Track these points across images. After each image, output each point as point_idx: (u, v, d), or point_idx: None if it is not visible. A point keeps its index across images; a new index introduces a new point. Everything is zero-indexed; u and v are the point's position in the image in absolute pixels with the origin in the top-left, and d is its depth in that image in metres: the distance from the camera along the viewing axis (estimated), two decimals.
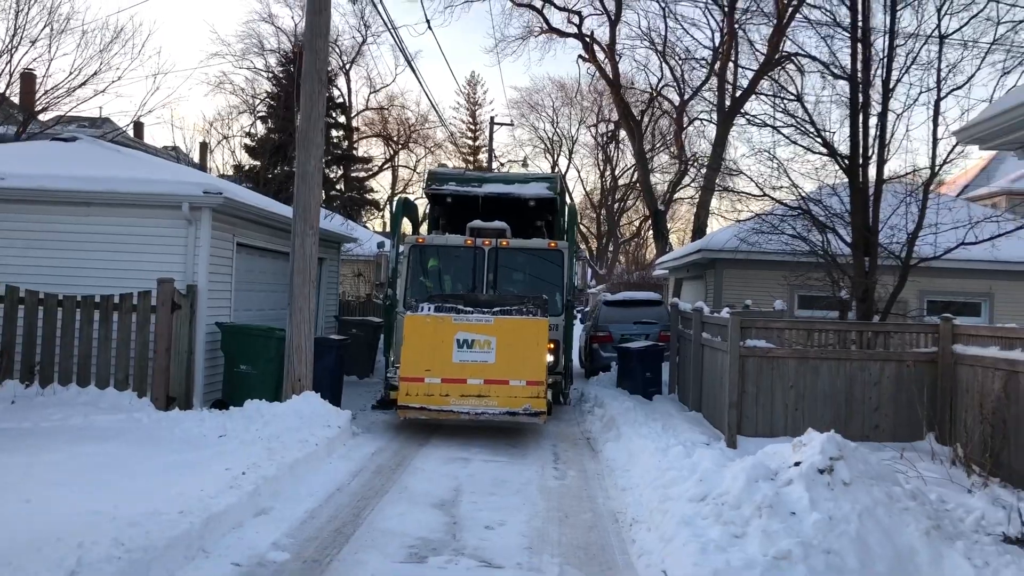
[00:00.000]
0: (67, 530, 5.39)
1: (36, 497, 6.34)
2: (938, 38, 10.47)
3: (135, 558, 5.04)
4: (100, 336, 10.57)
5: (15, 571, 4.62)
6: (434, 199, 14.49)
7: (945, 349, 9.71)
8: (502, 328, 10.48)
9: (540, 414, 10.34)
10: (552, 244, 12.83)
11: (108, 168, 11.67)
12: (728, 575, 5.14)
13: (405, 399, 10.30)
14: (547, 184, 14.24)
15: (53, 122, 24.89)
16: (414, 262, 12.63)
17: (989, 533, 6.57)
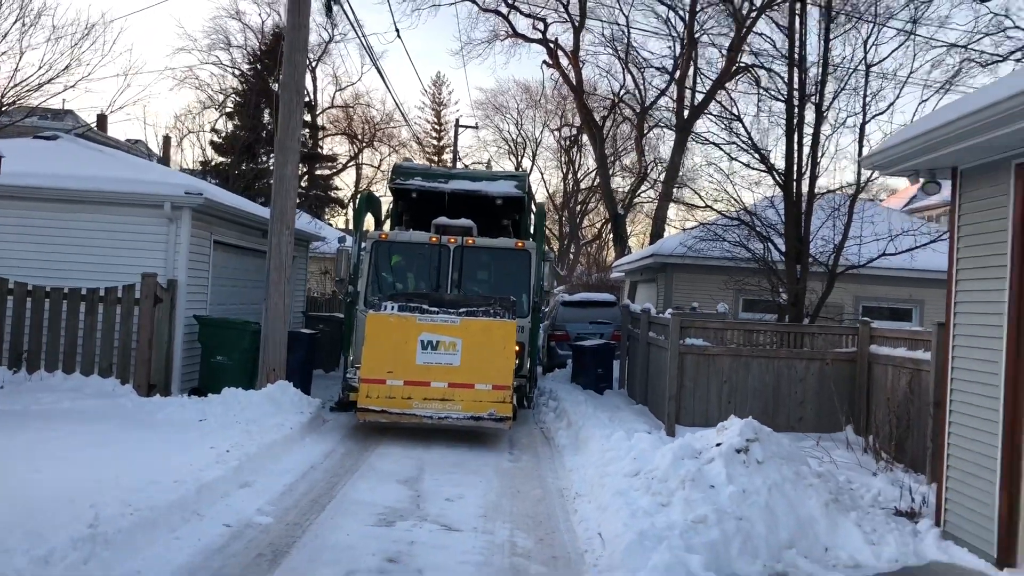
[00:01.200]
0: (78, 494, 6.17)
1: (43, 468, 7.09)
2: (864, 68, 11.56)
3: (143, 516, 5.82)
4: (86, 326, 11.25)
5: (44, 522, 5.38)
6: (399, 194, 13.94)
7: (862, 350, 10.78)
8: (468, 330, 10.16)
9: (505, 419, 10.08)
10: (519, 244, 12.32)
11: (93, 167, 12.34)
12: (652, 535, 6.04)
13: (365, 401, 9.97)
14: (515, 183, 13.75)
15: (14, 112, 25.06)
16: (376, 258, 12.05)
17: (883, 507, 7.61)
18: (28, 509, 5.79)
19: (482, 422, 10.11)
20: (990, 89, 6.19)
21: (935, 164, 6.86)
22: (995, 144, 5.95)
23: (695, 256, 15.94)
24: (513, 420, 10.39)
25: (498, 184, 13.62)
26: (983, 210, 6.49)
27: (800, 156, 12.33)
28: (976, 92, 6.76)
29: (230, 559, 5.68)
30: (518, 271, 12.19)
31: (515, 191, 13.46)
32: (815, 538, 6.63)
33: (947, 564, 6.27)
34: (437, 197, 13.36)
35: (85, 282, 11.39)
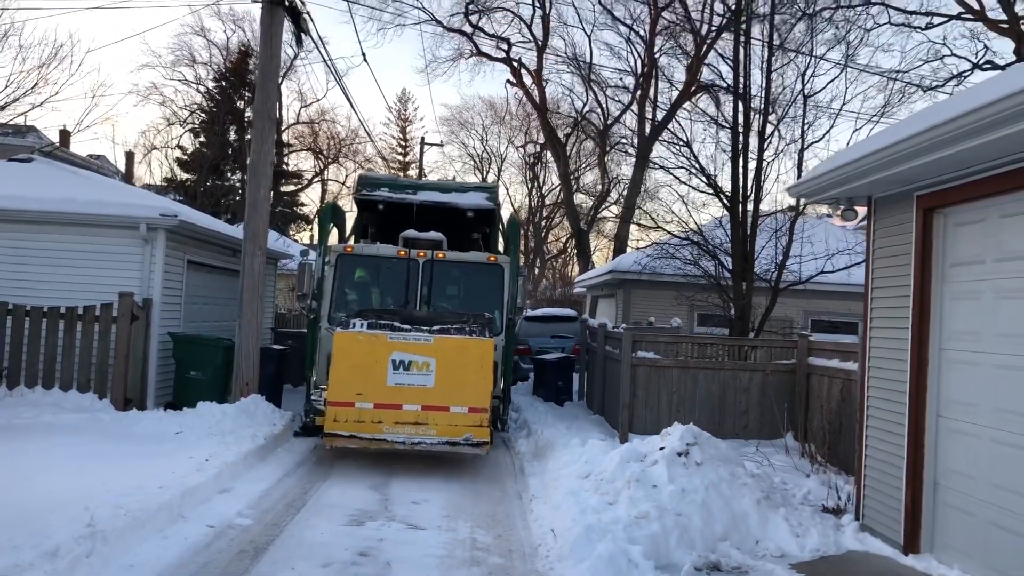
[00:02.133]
0: (71, 499, 6.69)
1: (33, 476, 7.58)
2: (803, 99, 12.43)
3: (134, 517, 6.36)
4: (65, 344, 11.69)
5: (43, 524, 5.90)
6: (364, 205, 13.25)
7: (801, 361, 11.57)
8: (443, 348, 9.62)
9: (483, 444, 9.51)
10: (492, 258, 11.73)
11: (69, 189, 12.79)
12: (598, 528, 6.69)
13: (333, 426, 9.39)
14: (486, 194, 13.07)
15: None
16: (341, 273, 11.45)
17: (812, 505, 8.35)
18: (27, 512, 6.30)
19: (458, 447, 9.49)
20: (898, 127, 6.98)
21: (853, 193, 7.65)
22: (900, 177, 6.73)
23: (650, 273, 16.70)
24: (490, 445, 9.75)
25: (469, 196, 12.92)
26: (892, 235, 7.28)
27: (745, 180, 13.17)
28: (886, 130, 7.56)
29: (215, 555, 6.24)
30: (491, 286, 11.61)
31: (487, 203, 12.84)
32: (747, 531, 7.33)
33: (862, 552, 7.00)
34: (405, 209, 12.74)
35: (64, 300, 11.84)
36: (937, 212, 6.70)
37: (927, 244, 6.73)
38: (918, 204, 6.82)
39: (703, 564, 6.70)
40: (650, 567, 6.24)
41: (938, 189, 6.55)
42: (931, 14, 20.61)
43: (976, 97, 5.47)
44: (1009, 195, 5.83)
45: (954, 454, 6.40)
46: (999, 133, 5.22)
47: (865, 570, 6.55)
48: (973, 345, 6.21)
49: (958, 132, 5.52)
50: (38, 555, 5.22)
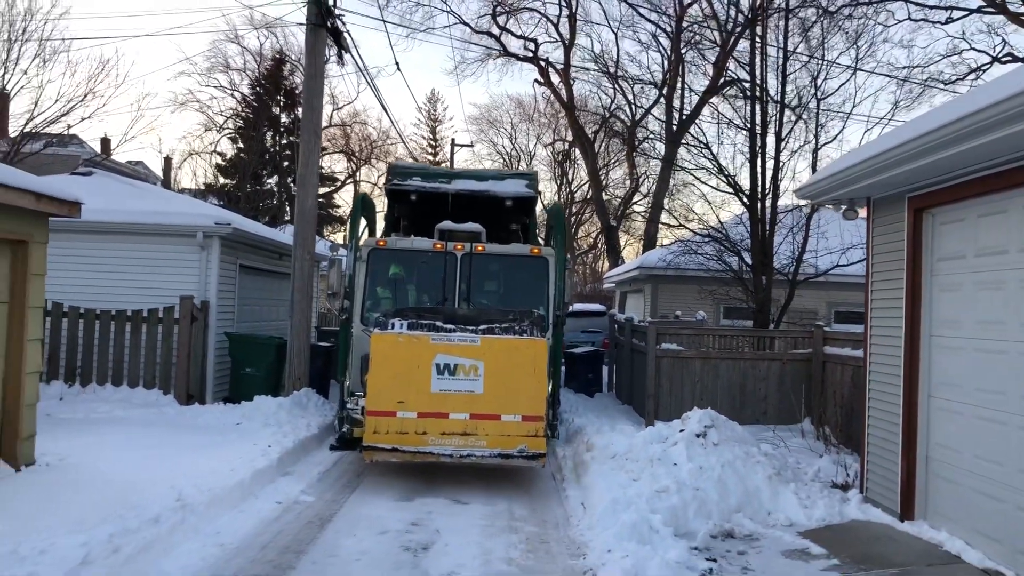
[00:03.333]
0: (156, 479, 7.62)
1: (118, 462, 8.52)
2: (816, 102, 13.09)
3: (214, 494, 7.26)
4: (131, 344, 12.70)
5: (139, 499, 6.82)
6: (395, 196, 12.36)
7: (817, 350, 12.26)
8: (492, 350, 8.73)
9: (539, 456, 8.67)
10: (535, 250, 11.05)
11: (131, 201, 13.79)
12: (623, 501, 7.47)
13: (373, 438, 8.57)
14: (526, 181, 12.23)
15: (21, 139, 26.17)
16: (373, 269, 10.85)
17: (822, 481, 9.07)
18: (122, 491, 7.23)
19: (512, 460, 8.64)
20: (890, 135, 7.69)
21: (853, 195, 8.35)
22: (893, 181, 7.43)
23: (675, 269, 17.42)
24: (546, 457, 8.92)
25: (507, 183, 12.09)
26: (888, 233, 7.98)
27: (763, 179, 13.85)
28: (879, 138, 8.26)
29: (286, 525, 7.14)
30: (535, 281, 10.90)
31: (527, 191, 12.02)
32: (759, 504, 8.08)
33: (863, 521, 7.72)
34: (439, 199, 11.93)
35: (129, 304, 12.84)
36: (926, 212, 7.40)
37: (917, 241, 7.43)
38: (909, 205, 7.52)
39: (718, 532, 7.47)
40: (669, 533, 6.99)
41: (926, 191, 7.25)
42: (951, 8, 21.04)
43: (951, 111, 6.18)
44: (985, 197, 6.52)
45: (943, 430, 7.11)
46: (971, 144, 5.92)
47: (864, 535, 7.27)
48: (957, 331, 6.91)
49: (939, 141, 6.23)
50: (142, 522, 6.13)
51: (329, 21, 12.41)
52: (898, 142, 6.84)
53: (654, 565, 5.97)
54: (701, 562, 6.51)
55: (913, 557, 6.57)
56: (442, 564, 6.27)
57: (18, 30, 24.70)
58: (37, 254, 8.42)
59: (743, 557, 6.79)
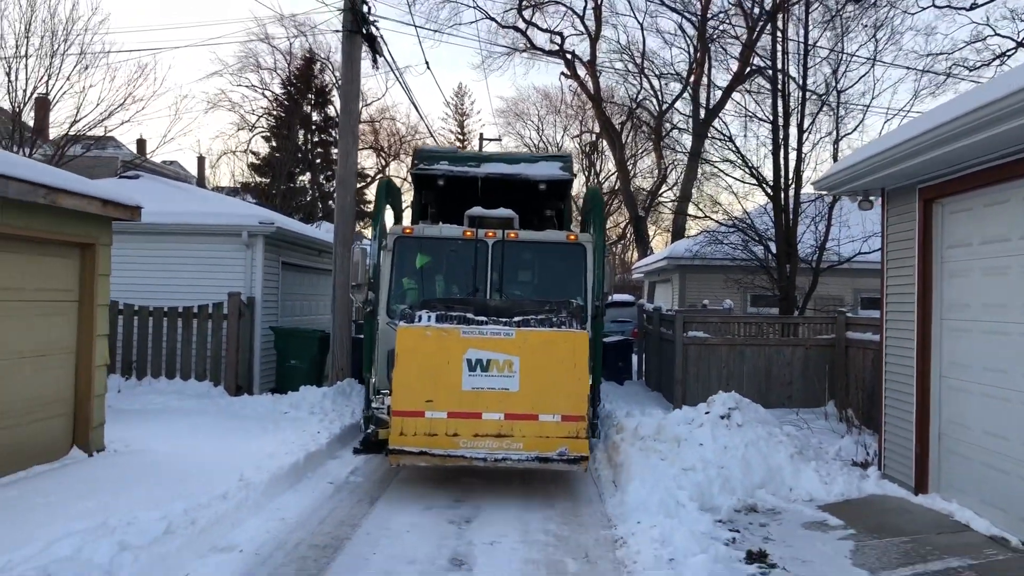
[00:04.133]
0: (218, 462, 8.26)
1: (180, 447, 9.18)
2: (836, 95, 13.44)
3: (272, 475, 7.86)
4: (183, 339, 13.39)
5: (205, 478, 7.45)
6: (422, 182, 11.80)
7: (840, 335, 12.64)
8: (528, 344, 8.08)
9: (581, 460, 7.95)
10: (572, 237, 10.45)
11: (178, 203, 14.48)
12: (651, 479, 7.95)
13: (399, 440, 7.87)
14: (560, 164, 11.58)
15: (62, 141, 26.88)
16: (400, 258, 10.30)
17: (843, 460, 9.50)
18: (187, 472, 7.87)
19: (551, 464, 7.94)
20: (901, 130, 8.09)
21: (867, 187, 8.76)
22: (904, 173, 7.83)
23: (702, 259, 17.83)
24: (588, 460, 8.24)
25: (540, 166, 11.49)
26: (900, 222, 8.39)
27: (786, 170, 14.22)
28: (891, 132, 8.65)
29: (339, 503, 7.74)
30: (572, 270, 10.30)
31: (561, 173, 11.40)
32: (781, 481, 8.53)
33: (880, 495, 8.16)
34: (468, 184, 11.33)
35: (180, 301, 13.53)
36: (936, 202, 7.80)
37: (928, 229, 7.84)
38: (920, 195, 7.92)
39: (741, 507, 7.94)
40: (695, 507, 7.47)
41: (936, 182, 7.65)
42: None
43: (957, 107, 6.59)
44: (989, 188, 6.92)
45: (953, 408, 7.53)
46: (975, 137, 6.33)
47: (880, 508, 7.71)
48: (965, 315, 7.32)
49: (946, 135, 6.64)
50: (211, 498, 6.74)
51: (364, 28, 12.97)
52: (909, 136, 7.25)
53: (680, 535, 6.45)
54: (724, 533, 7.00)
55: (925, 527, 7.01)
56: (485, 534, 6.83)
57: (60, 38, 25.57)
58: (103, 255, 9.09)
59: (764, 528, 7.26)
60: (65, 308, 8.68)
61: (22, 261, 7.91)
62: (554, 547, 6.61)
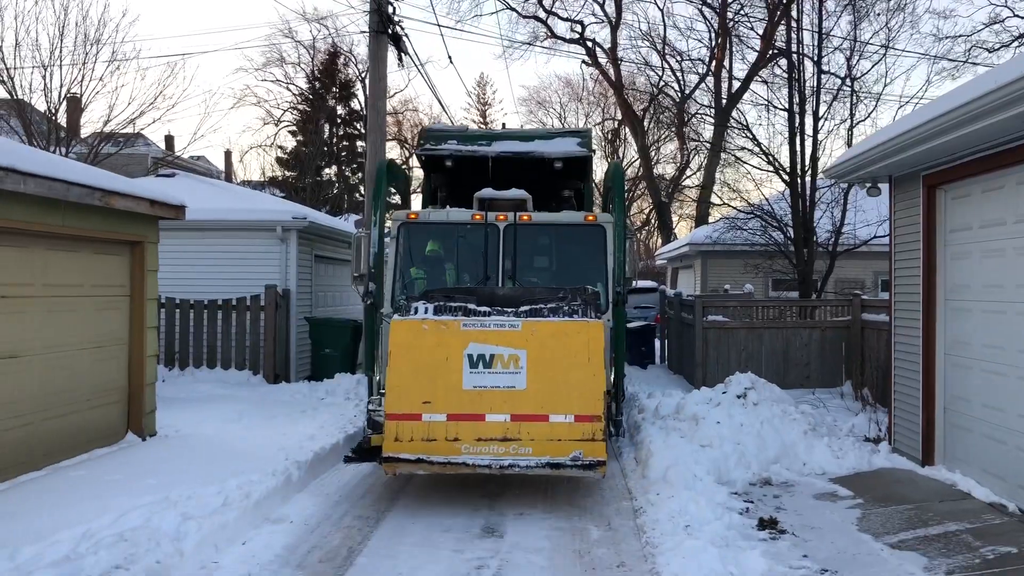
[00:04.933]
0: (264, 444, 8.85)
1: (226, 430, 9.78)
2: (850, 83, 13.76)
3: (316, 454, 8.43)
4: (223, 330, 14.03)
5: (255, 457, 8.03)
6: (430, 164, 11.07)
7: (855, 317, 13.01)
8: (536, 337, 7.40)
9: (598, 465, 7.09)
10: (591, 217, 9.65)
11: (215, 200, 15.09)
12: (671, 456, 8.40)
13: (394, 447, 7.09)
14: (578, 139, 10.84)
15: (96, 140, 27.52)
16: (405, 246, 9.55)
17: (855, 436, 9.91)
18: (235, 453, 8.47)
19: (564, 470, 7.13)
20: (908, 117, 8.46)
21: (876, 174, 9.14)
22: (909, 160, 8.21)
23: (723, 244, 18.21)
24: (606, 465, 7.21)
25: (556, 143, 10.78)
26: (907, 207, 8.77)
27: (802, 157, 14.58)
28: (900, 120, 9.02)
29: (377, 480, 8.29)
30: (591, 253, 9.55)
31: (579, 150, 10.63)
32: (795, 456, 8.97)
33: (889, 468, 8.58)
34: (478, 165, 10.63)
35: (218, 294, 14.17)
36: (939, 188, 8.17)
37: (931, 214, 8.22)
38: (924, 182, 8.30)
39: (756, 480, 8.40)
40: (711, 481, 7.95)
41: (938, 170, 8.03)
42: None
43: (953, 99, 6.97)
44: (986, 174, 7.30)
45: (957, 384, 7.93)
46: (971, 128, 6.71)
47: (888, 480, 8.14)
48: (966, 295, 7.72)
49: (945, 125, 7.02)
50: (262, 476, 7.31)
51: (390, 29, 13.45)
52: (912, 125, 7.64)
53: (696, 505, 6.93)
54: (739, 503, 7.45)
55: (928, 495, 7.43)
56: (512, 507, 7.36)
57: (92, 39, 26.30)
58: (151, 252, 9.69)
59: (777, 500, 7.71)
60: (118, 303, 9.28)
61: (81, 259, 8.52)
62: (578, 517, 7.13)
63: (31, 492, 6.88)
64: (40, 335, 7.89)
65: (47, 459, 7.90)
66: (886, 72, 16.01)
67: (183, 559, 5.50)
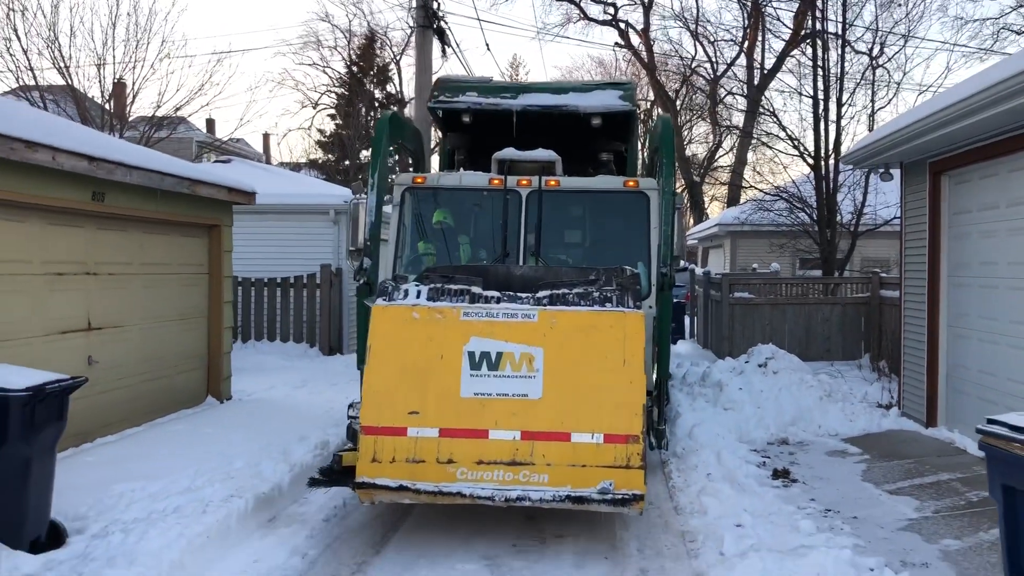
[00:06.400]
0: (331, 407, 9.91)
1: (293, 396, 10.87)
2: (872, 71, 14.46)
3: None
4: (282, 306, 15.15)
5: (325, 417, 9.08)
6: (446, 121, 9.39)
7: (874, 293, 13.79)
8: (556, 331, 5.90)
9: (633, 500, 5.47)
10: (631, 183, 8.01)
11: (269, 184, 16.11)
12: (695, 419, 9.33)
13: (372, 470, 5.60)
14: (619, 92, 8.98)
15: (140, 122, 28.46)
16: (409, 216, 8.10)
17: (868, 403, 10.75)
18: (305, 413, 9.55)
19: (589, 505, 5.54)
20: (915, 109, 9.24)
21: (888, 160, 9.93)
22: (917, 149, 8.99)
23: (751, 225, 18.99)
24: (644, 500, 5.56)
25: (594, 96, 8.97)
26: (915, 192, 9.56)
27: (826, 141, 15.33)
28: (910, 110, 9.79)
29: None
30: (632, 226, 8.03)
31: (620, 103, 8.81)
32: (811, 419, 9.83)
33: (896, 430, 9.43)
34: (502, 122, 8.89)
35: (276, 272, 15.28)
36: (943, 174, 8.96)
37: (936, 198, 9.01)
38: (930, 169, 9.09)
39: (774, 439, 9.29)
40: (732, 439, 8.86)
41: (941, 158, 8.81)
42: None
43: (953, 94, 7.77)
44: (983, 163, 8.08)
45: (957, 353, 8.75)
46: (966, 122, 7.50)
47: (894, 440, 8.99)
48: (966, 272, 8.52)
49: (945, 118, 7.81)
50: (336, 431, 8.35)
51: (434, 23, 14.36)
52: (917, 117, 8.43)
53: (718, 458, 7.86)
54: (756, 458, 8.35)
55: (928, 452, 8.29)
56: None
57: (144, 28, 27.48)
58: (227, 235, 10.76)
59: (792, 456, 8.60)
60: (199, 280, 10.37)
61: (169, 241, 9.59)
62: None
63: (141, 442, 8.00)
64: (139, 308, 8.98)
65: (145, 417, 9.01)
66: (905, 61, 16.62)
67: (282, 494, 6.54)
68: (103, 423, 8.21)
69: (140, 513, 5.55)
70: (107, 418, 8.31)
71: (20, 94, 22.38)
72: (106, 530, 5.23)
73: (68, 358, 7.71)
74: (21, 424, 4.86)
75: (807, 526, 5.88)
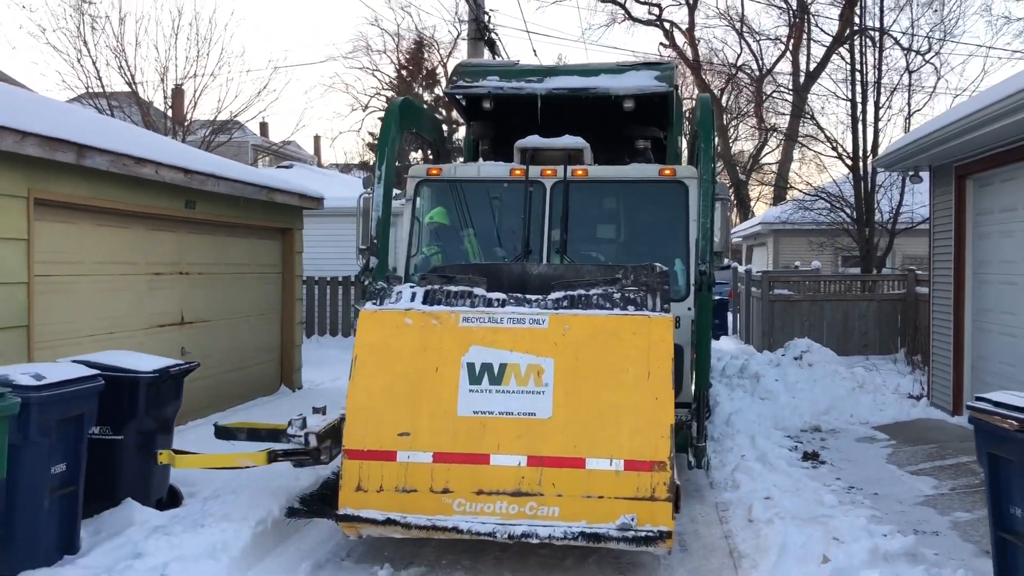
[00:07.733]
0: None
1: None
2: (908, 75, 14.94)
3: None
4: (343, 303, 16.10)
5: None
6: (468, 108, 8.70)
7: (910, 290, 14.28)
8: (569, 337, 5.17)
9: (659, 537, 4.74)
10: (667, 171, 7.37)
11: (330, 188, 17.09)
12: (735, 408, 9.98)
13: (355, 500, 4.96)
14: (656, 72, 8.14)
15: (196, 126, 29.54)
16: (425, 211, 7.59)
17: (899, 394, 11.28)
18: None
19: (607, 543, 4.83)
20: (943, 115, 9.79)
21: (918, 163, 10.48)
22: (943, 153, 9.55)
23: (793, 224, 19.50)
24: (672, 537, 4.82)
25: (628, 77, 8.11)
26: (942, 194, 10.11)
27: (864, 143, 15.83)
28: (936, 117, 10.33)
29: None
30: (668, 219, 7.47)
31: (656, 84, 7.96)
32: (843, 409, 10.42)
33: (924, 418, 9.99)
34: (528, 108, 8.06)
35: (336, 271, 16.24)
36: (968, 178, 9.50)
37: (961, 200, 9.56)
38: (955, 172, 9.64)
39: (808, 427, 9.91)
40: (770, 425, 9.51)
41: (966, 162, 9.36)
42: None
43: (973, 104, 8.34)
44: (1004, 167, 8.63)
45: (981, 346, 9.31)
46: (986, 129, 8.07)
47: (921, 427, 9.57)
48: (988, 269, 9.08)
49: (968, 125, 8.36)
50: None
51: (485, 36, 15.15)
52: (943, 124, 9.00)
53: (752, 441, 8.52)
54: (789, 443, 8.99)
55: (951, 438, 8.86)
56: None
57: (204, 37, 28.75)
58: (298, 237, 11.68)
59: (823, 441, 9.23)
60: (273, 279, 11.30)
61: (247, 244, 10.53)
62: None
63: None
64: (223, 304, 9.93)
65: (228, 403, 9.94)
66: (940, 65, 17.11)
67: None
68: (193, 409, 9.12)
69: (243, 482, 6.43)
70: (197, 404, 9.22)
71: (85, 101, 23.68)
72: (216, 493, 6.12)
73: (164, 349, 8.63)
74: (148, 402, 5.76)
75: (830, 499, 6.54)
